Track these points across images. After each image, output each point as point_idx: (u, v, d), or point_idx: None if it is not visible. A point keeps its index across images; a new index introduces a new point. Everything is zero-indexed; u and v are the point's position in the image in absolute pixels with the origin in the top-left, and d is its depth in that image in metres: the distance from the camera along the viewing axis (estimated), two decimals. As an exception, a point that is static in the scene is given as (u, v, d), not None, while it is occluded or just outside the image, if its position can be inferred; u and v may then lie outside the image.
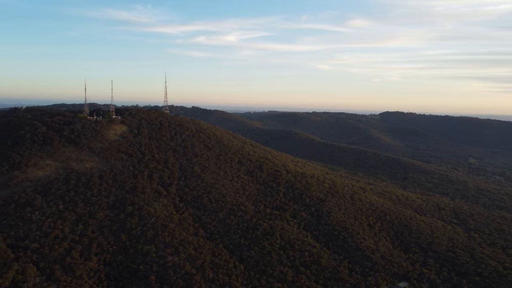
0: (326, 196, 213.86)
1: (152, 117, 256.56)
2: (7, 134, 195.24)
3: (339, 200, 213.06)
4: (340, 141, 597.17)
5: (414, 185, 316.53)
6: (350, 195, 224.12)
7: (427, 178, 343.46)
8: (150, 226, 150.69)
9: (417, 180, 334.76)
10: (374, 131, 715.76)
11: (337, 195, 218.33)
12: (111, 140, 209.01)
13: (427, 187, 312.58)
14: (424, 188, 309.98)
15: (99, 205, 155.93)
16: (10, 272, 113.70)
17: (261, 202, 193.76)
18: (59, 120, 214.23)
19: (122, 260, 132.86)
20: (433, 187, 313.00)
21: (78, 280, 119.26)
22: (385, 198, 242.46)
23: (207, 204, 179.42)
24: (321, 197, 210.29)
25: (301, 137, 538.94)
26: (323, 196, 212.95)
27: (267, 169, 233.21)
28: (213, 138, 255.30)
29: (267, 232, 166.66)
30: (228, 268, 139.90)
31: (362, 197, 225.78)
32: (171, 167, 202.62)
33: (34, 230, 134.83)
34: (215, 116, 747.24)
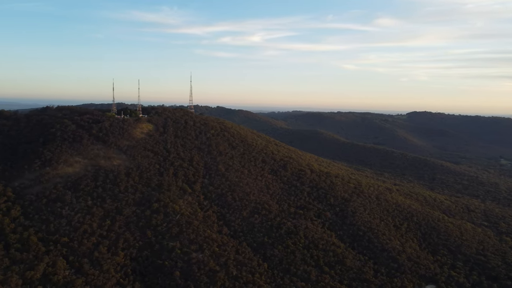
0: (351, 196, 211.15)
1: (177, 116, 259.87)
2: (39, 132, 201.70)
3: (364, 200, 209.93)
4: (365, 141, 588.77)
5: (442, 187, 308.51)
6: (376, 196, 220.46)
7: (456, 179, 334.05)
8: (175, 223, 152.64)
9: (446, 182, 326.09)
10: (401, 131, 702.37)
11: (362, 195, 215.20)
12: (137, 138, 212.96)
13: (456, 189, 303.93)
14: (453, 189, 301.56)
15: (126, 202, 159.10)
16: (41, 264, 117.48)
17: (285, 201, 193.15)
18: (88, 119, 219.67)
19: (148, 256, 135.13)
20: (462, 189, 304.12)
21: (105, 274, 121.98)
22: (412, 199, 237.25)
23: (231, 202, 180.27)
24: (346, 197, 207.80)
25: (325, 137, 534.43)
26: (348, 196, 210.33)
27: (291, 168, 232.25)
28: (237, 137, 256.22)
29: (291, 231, 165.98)
30: (252, 266, 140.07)
31: (388, 198, 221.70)
32: (196, 165, 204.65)
33: (64, 224, 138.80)
34: (239, 115, 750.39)
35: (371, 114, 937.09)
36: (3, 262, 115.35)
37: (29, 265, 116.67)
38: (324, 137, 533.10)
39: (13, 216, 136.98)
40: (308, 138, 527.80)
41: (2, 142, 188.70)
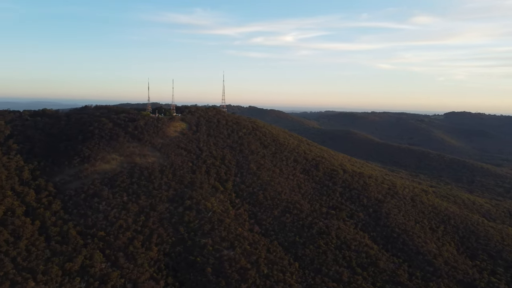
0: (385, 197, 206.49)
1: (210, 115, 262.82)
2: (79, 129, 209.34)
3: (398, 201, 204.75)
4: (400, 142, 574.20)
5: (482, 189, 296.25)
6: (411, 197, 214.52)
7: (497, 182, 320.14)
8: (207, 220, 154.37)
9: (486, 184, 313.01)
10: (437, 132, 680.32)
11: (396, 197, 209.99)
12: (171, 137, 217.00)
13: (497, 192, 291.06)
14: (493, 192, 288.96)
15: (159, 198, 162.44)
16: (79, 257, 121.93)
17: (317, 201, 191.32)
18: (124, 117, 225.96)
19: (180, 252, 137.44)
20: (504, 192, 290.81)
21: (139, 268, 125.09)
22: (449, 202, 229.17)
23: (262, 201, 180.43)
24: (379, 198, 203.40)
25: (359, 137, 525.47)
26: (382, 197, 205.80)
27: (323, 168, 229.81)
28: (269, 136, 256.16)
29: (323, 231, 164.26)
30: (283, 265, 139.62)
31: (424, 200, 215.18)
32: (228, 163, 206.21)
33: (101, 219, 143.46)
34: (271, 115, 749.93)
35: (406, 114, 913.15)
36: (45, 253, 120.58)
37: (68, 257, 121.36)
38: (357, 137, 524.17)
39: (53, 210, 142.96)
40: (341, 138, 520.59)
41: (45, 139, 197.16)
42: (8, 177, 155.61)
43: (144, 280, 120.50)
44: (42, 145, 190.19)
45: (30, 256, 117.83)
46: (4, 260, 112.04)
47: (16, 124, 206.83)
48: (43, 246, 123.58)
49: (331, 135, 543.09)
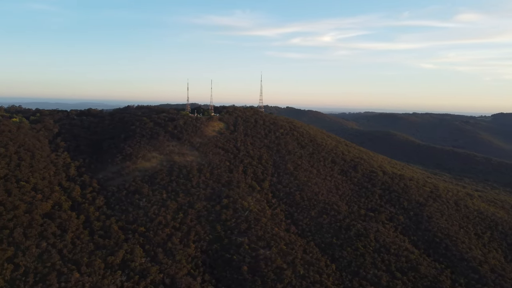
0: (426, 200, 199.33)
1: (247, 115, 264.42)
2: (121, 128, 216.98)
3: (441, 205, 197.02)
4: (443, 144, 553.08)
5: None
6: (455, 201, 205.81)
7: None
8: (244, 219, 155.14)
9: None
10: (484, 134, 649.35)
11: (439, 200, 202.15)
12: (209, 136, 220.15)
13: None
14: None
15: (197, 196, 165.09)
16: (121, 251, 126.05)
17: (355, 203, 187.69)
18: (164, 117, 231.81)
19: (217, 249, 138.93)
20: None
21: (177, 264, 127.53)
22: (496, 207, 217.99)
23: (299, 201, 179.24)
24: (421, 201, 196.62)
25: (399, 139, 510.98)
26: (423, 200, 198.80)
27: (362, 169, 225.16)
28: (307, 137, 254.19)
29: (361, 234, 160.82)
30: (319, 266, 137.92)
31: (469, 204, 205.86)
32: (265, 163, 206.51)
33: (141, 215, 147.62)
34: (308, 116, 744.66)
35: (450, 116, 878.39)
36: (89, 246, 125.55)
37: (110, 250, 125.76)
38: (398, 139, 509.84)
39: (97, 205, 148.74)
40: (380, 139, 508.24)
41: (89, 137, 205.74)
42: (56, 173, 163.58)
43: (182, 276, 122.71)
44: (87, 143, 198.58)
45: (75, 248, 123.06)
46: (51, 252, 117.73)
47: (64, 123, 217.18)
48: (87, 240, 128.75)
49: (370, 136, 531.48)
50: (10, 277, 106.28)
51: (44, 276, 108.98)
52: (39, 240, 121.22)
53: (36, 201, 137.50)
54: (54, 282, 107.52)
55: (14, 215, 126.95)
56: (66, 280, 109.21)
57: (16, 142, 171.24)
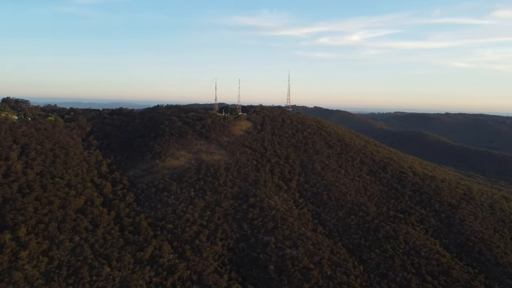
0: (459, 202, 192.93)
1: (275, 114, 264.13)
2: (151, 127, 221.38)
3: (475, 208, 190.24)
4: (478, 145, 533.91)
5: None
6: (489, 204, 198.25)
7: None
8: (270, 218, 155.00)
9: None
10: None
11: (472, 203, 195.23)
12: (237, 135, 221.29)
13: None
14: None
15: (224, 195, 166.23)
16: (149, 247, 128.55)
17: (384, 204, 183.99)
18: (193, 116, 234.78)
19: (244, 248, 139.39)
20: None
21: (205, 261, 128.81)
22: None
23: (327, 201, 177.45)
24: (453, 203, 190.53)
25: (430, 139, 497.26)
26: (456, 202, 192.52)
27: (392, 170, 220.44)
28: (335, 136, 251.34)
29: (390, 235, 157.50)
30: (347, 267, 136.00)
31: (505, 207, 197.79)
32: (292, 163, 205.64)
33: (169, 212, 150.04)
34: (337, 116, 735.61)
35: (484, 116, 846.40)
36: (119, 242, 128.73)
37: (139, 246, 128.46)
38: (429, 139, 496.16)
39: (127, 202, 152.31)
40: (411, 140, 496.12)
41: (120, 136, 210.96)
42: (89, 170, 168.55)
43: (209, 273, 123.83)
44: (118, 141, 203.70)
45: (106, 243, 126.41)
46: (84, 246, 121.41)
47: (96, 121, 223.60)
48: (117, 235, 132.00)
49: (400, 137, 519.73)
50: (45, 270, 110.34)
51: (77, 270, 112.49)
52: (72, 234, 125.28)
53: (69, 197, 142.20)
54: (86, 275, 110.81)
55: (49, 210, 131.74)
56: (97, 274, 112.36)
57: (52, 140, 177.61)
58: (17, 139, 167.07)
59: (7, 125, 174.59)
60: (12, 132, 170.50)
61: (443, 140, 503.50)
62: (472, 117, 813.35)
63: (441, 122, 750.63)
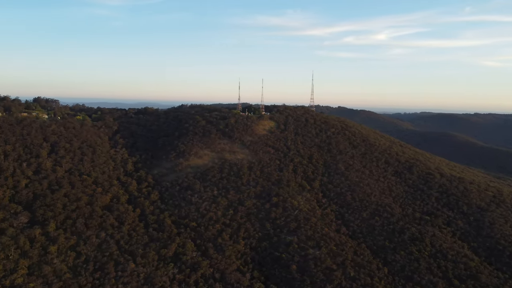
0: (488, 205, 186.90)
1: (298, 114, 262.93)
2: (175, 126, 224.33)
3: (505, 211, 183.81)
4: (508, 146, 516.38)
5: None
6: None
7: None
8: (293, 218, 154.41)
9: None
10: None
11: (503, 205, 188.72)
12: (260, 135, 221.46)
13: None
14: None
15: (247, 194, 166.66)
16: (173, 244, 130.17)
17: (410, 205, 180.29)
18: (216, 116, 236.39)
19: (266, 247, 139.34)
20: None
21: (227, 259, 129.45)
22: None
23: (350, 202, 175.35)
24: (482, 206, 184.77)
25: (458, 140, 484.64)
26: (485, 205, 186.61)
27: (418, 171, 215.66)
28: (359, 136, 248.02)
29: (416, 238, 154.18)
30: (371, 269, 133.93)
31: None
32: (315, 162, 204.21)
33: (193, 210, 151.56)
34: (361, 116, 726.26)
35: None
36: (143, 239, 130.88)
37: (163, 243, 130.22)
38: (457, 140, 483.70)
39: (152, 199, 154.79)
40: (438, 140, 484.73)
41: (146, 135, 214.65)
42: (115, 168, 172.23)
43: (231, 272, 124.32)
44: (143, 140, 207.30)
45: (131, 240, 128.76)
46: (109, 242, 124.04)
47: (122, 121, 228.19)
48: (142, 232, 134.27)
49: (427, 137, 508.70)
50: (72, 264, 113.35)
51: (103, 265, 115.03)
52: (99, 230, 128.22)
53: (96, 194, 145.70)
54: (111, 270, 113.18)
55: (77, 206, 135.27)
56: (123, 270, 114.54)
57: (80, 138, 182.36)
58: (47, 138, 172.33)
59: (38, 124, 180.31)
60: (43, 131, 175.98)
61: (471, 141, 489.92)
62: (502, 117, 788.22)
63: (469, 123, 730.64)
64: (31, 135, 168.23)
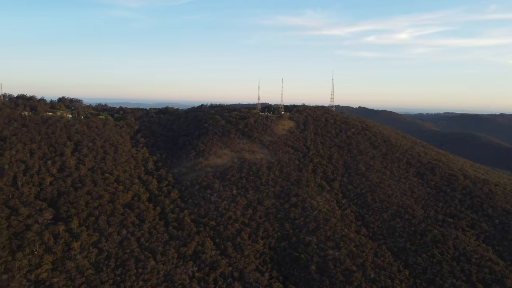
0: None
1: (318, 114, 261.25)
2: (195, 126, 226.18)
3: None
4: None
5: None
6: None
7: None
8: (312, 218, 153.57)
9: None
10: None
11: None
12: (279, 134, 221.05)
13: None
14: None
15: (266, 194, 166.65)
16: (192, 243, 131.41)
17: (432, 207, 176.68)
18: (236, 115, 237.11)
19: (285, 247, 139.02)
20: None
21: (246, 259, 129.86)
22: None
23: (371, 203, 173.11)
24: (508, 209, 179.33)
25: (483, 141, 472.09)
26: (511, 207, 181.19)
27: (440, 172, 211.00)
28: (380, 137, 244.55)
29: (438, 240, 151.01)
30: (392, 271, 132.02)
31: None
32: (335, 163, 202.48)
33: (212, 209, 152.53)
34: (382, 116, 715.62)
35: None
36: (163, 236, 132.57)
37: (183, 242, 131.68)
38: (482, 141, 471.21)
39: (172, 198, 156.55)
40: (462, 141, 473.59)
41: (166, 134, 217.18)
42: (136, 167, 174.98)
43: (250, 271, 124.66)
44: (164, 139, 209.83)
45: (151, 238, 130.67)
46: (130, 239, 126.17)
47: (144, 120, 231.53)
48: (162, 230, 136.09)
49: (450, 138, 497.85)
50: (94, 260, 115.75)
51: (124, 262, 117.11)
52: (120, 228, 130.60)
53: (118, 192, 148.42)
54: (132, 267, 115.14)
55: (99, 204, 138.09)
56: (143, 267, 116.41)
57: (102, 137, 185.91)
58: (71, 136, 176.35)
59: (62, 123, 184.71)
60: (67, 130, 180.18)
61: (497, 142, 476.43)
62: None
63: (495, 124, 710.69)
64: (55, 134, 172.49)
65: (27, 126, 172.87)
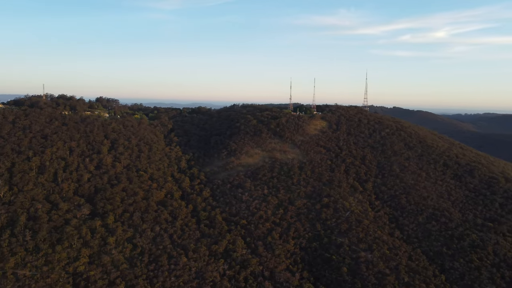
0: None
1: (351, 114, 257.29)
2: (227, 125, 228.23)
3: None
4: None
5: None
6: None
7: None
8: (345, 219, 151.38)
9: None
10: None
11: None
12: (311, 134, 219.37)
13: None
14: None
15: (297, 194, 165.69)
16: (224, 241, 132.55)
17: (470, 211, 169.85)
18: (267, 115, 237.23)
19: (316, 248, 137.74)
20: None
21: (276, 258, 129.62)
22: None
23: (405, 205, 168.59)
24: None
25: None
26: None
27: (480, 174, 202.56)
28: (415, 137, 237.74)
29: (476, 245, 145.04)
30: (427, 275, 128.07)
31: None
32: (368, 163, 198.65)
33: (243, 208, 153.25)
34: (417, 116, 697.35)
35: None
36: (195, 234, 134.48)
37: (214, 240, 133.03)
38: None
39: (204, 196, 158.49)
40: (504, 143, 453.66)
41: (199, 133, 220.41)
42: (169, 165, 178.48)
43: (281, 271, 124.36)
44: (196, 139, 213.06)
45: (184, 235, 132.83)
46: (163, 236, 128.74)
47: (177, 120, 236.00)
48: (194, 228, 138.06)
49: (490, 140, 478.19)
50: (129, 255, 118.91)
51: (157, 258, 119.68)
52: (154, 224, 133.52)
53: (152, 190, 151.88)
54: (165, 263, 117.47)
55: (134, 200, 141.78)
56: (175, 263, 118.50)
57: (137, 136, 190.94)
58: (108, 135, 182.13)
59: (100, 122, 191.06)
60: (104, 128, 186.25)
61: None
62: None
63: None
64: (93, 133, 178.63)
65: (67, 124, 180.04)
